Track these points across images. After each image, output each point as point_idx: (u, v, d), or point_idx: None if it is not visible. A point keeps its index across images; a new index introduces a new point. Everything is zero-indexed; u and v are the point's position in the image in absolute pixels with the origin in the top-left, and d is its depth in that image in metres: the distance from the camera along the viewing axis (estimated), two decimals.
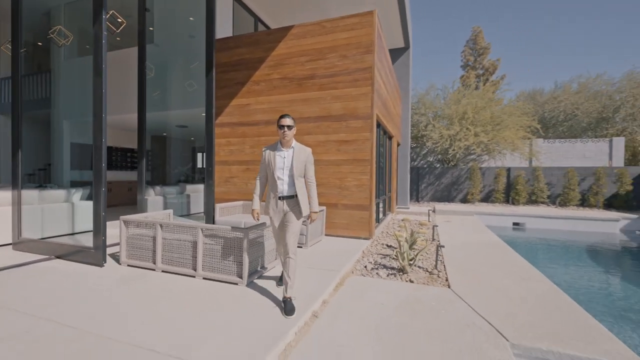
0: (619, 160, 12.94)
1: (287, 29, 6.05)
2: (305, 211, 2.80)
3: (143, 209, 5.97)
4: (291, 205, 2.80)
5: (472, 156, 14.01)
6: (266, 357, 1.93)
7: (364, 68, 5.52)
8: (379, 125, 6.61)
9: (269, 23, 8.99)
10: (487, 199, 12.52)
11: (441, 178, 13.19)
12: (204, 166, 5.37)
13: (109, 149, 10.17)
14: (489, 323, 2.59)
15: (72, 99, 8.61)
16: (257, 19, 8.54)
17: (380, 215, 7.64)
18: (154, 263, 3.58)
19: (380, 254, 4.82)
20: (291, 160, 2.80)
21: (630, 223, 8.75)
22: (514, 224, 9.51)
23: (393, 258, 4.54)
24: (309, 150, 2.90)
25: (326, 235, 5.70)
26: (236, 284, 3.17)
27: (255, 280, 3.30)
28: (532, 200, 11.61)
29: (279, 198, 2.79)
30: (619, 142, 12.97)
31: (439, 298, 3.12)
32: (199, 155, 13.47)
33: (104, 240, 3.68)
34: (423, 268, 4.18)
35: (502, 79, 32.09)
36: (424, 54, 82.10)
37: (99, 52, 3.68)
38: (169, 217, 4.54)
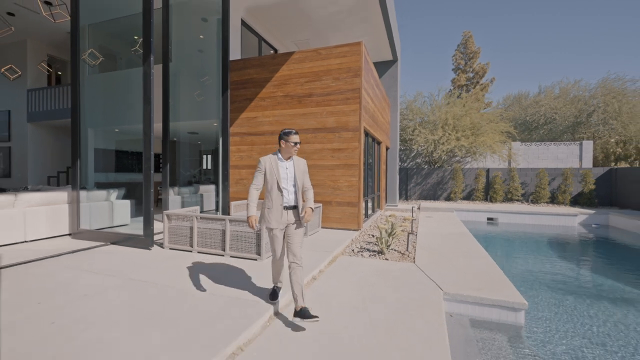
0: (588, 162, 14.25)
1: (289, 54, 7.16)
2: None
3: (166, 207, 7.04)
4: (295, 215, 2.86)
5: (457, 158, 15.26)
6: (284, 296, 3.07)
7: (353, 89, 6.66)
8: (367, 134, 7.76)
9: (272, 42, 10.09)
10: (469, 197, 13.75)
11: (428, 178, 14.40)
12: (217, 169, 6.47)
13: (128, 153, 11.19)
14: (434, 282, 3.75)
15: (96, 110, 9.64)
16: (261, 39, 9.64)
17: (370, 212, 8.80)
18: (191, 246, 4.70)
19: (365, 242, 5.97)
20: (293, 171, 2.88)
21: (588, 218, 10.01)
22: (488, 219, 10.74)
23: (374, 244, 5.70)
24: (304, 160, 3.02)
25: (322, 227, 6.84)
26: (255, 259, 4.31)
27: (267, 257, 4.43)
28: (508, 198, 12.87)
29: (284, 208, 2.81)
30: (588, 145, 14.28)
31: (403, 269, 4.28)
32: (204, 157, 14.55)
33: (152, 230, 4.80)
34: (398, 251, 5.34)
35: (492, 81, 33.51)
36: (420, 57, 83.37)
37: (148, 86, 4.77)
38: (197, 212, 5.63)
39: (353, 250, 5.30)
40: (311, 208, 2.87)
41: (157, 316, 2.61)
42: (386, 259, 4.81)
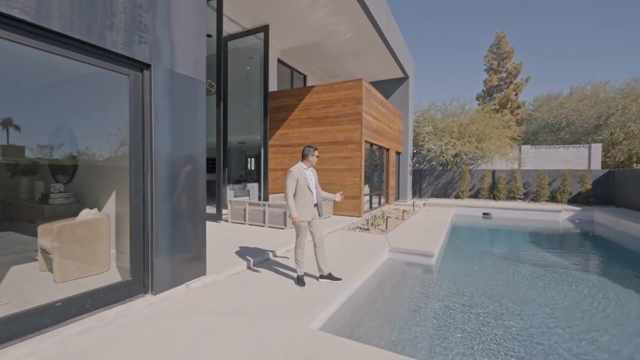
0: (596, 164, 15.01)
1: (310, 87, 9.76)
2: (323, 213, 4.19)
3: (225, 197, 9.97)
4: (319, 209, 3.90)
5: (467, 160, 16.81)
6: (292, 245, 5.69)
7: (356, 113, 9.08)
8: (372, 145, 10.11)
9: (301, 70, 12.77)
10: (475, 195, 15.33)
11: (439, 178, 16.19)
12: (259, 170, 9.24)
13: None
14: (389, 243, 6.11)
15: None
16: (293, 69, 12.36)
17: (375, 205, 11.12)
18: (245, 221, 7.51)
19: (361, 224, 8.39)
20: (314, 177, 3.89)
21: (574, 214, 11.33)
22: (484, 213, 12.43)
23: (366, 225, 8.10)
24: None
25: (333, 214, 9.37)
26: (283, 228, 6.98)
27: (290, 228, 7.07)
28: (510, 197, 14.28)
29: (314, 205, 3.82)
30: (597, 148, 15.03)
31: (376, 238, 6.67)
32: (249, 160, 17.74)
33: (221, 210, 7.69)
34: (380, 229, 7.70)
35: (527, 81, 33.34)
36: (451, 60, 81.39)
37: (219, 122, 7.64)
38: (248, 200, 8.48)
39: (350, 228, 7.77)
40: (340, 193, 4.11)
41: (232, 246, 5.37)
42: (369, 233, 7.22)
